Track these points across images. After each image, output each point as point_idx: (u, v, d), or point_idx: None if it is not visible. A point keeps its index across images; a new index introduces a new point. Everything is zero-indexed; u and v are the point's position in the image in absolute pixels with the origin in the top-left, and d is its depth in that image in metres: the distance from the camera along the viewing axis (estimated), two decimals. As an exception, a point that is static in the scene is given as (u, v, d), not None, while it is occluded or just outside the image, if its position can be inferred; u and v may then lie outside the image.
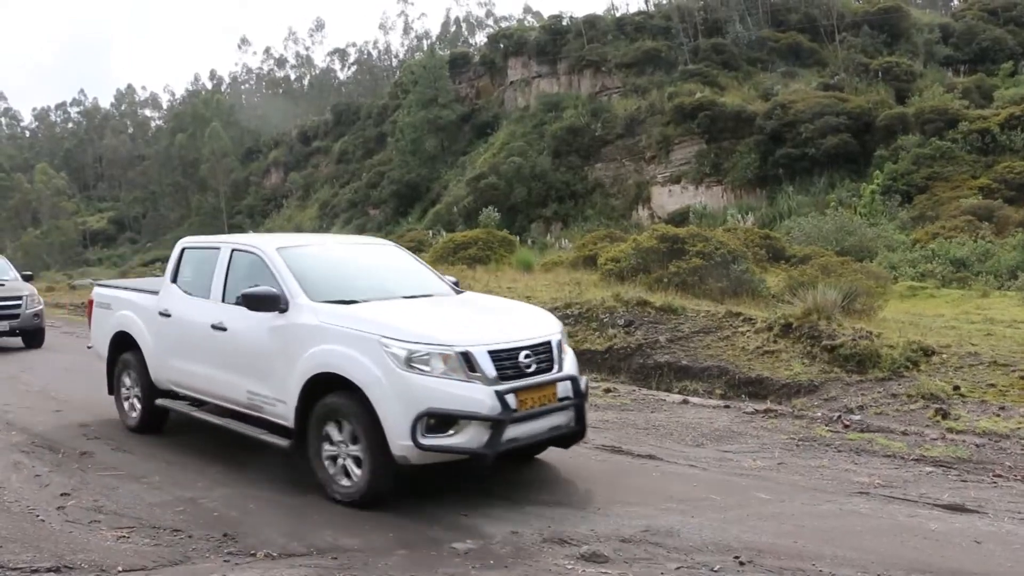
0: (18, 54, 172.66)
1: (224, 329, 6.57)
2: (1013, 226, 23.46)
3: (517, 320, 6.33)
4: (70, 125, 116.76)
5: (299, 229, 60.51)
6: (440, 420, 5.29)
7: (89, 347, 8.85)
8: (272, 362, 6.09)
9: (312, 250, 7.17)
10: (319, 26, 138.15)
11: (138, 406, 7.89)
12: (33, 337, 15.22)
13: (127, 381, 8.05)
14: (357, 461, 5.62)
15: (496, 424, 5.31)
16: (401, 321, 5.72)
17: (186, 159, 78.78)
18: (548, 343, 5.95)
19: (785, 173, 35.58)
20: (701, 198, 38.71)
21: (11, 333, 14.77)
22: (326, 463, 5.80)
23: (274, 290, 6.14)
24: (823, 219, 25.51)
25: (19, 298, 14.76)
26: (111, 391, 8.28)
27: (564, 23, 54.47)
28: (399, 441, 5.30)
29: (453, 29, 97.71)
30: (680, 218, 34.55)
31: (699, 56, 46.63)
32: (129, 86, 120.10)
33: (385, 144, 61.36)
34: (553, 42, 52.84)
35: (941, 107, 33.56)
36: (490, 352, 5.51)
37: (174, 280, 7.57)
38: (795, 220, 28.22)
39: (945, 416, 7.72)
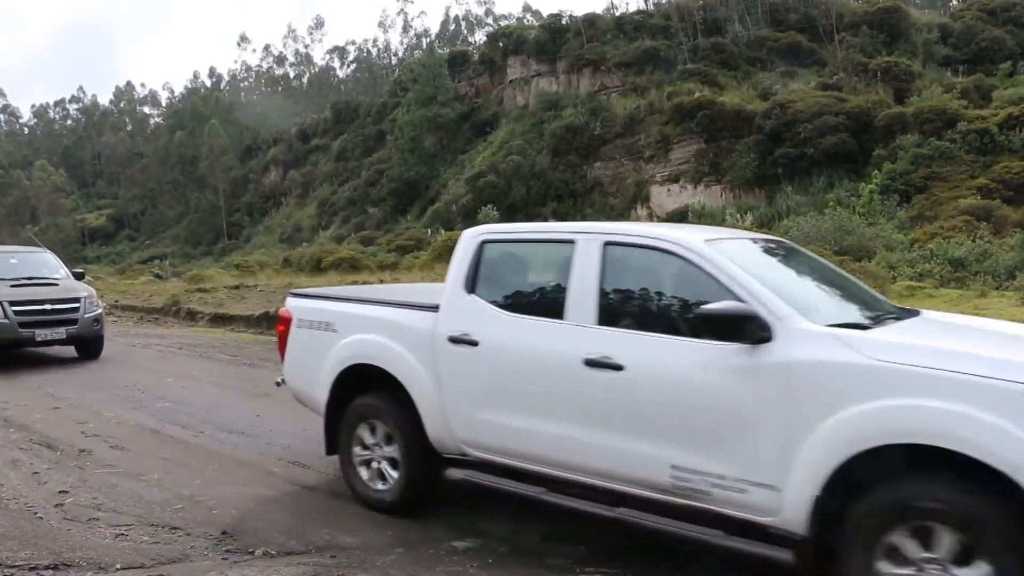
0: (17, 51, 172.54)
1: (617, 367, 4.29)
2: (1011, 226, 23.49)
3: None
4: (69, 122, 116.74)
5: (298, 227, 60.56)
6: None
7: (279, 382, 6.37)
8: (739, 423, 3.91)
9: (743, 246, 5.02)
10: (318, 24, 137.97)
11: (393, 474, 5.50)
12: (91, 346, 13.04)
13: (368, 437, 5.62)
14: None
15: None
16: None
17: (185, 157, 78.77)
18: None
19: (784, 172, 35.59)
20: (700, 197, 38.72)
21: (66, 341, 12.63)
22: None
23: (749, 307, 3.98)
24: (822, 219, 25.51)
25: (76, 300, 12.61)
26: (332, 449, 5.86)
27: (563, 22, 54.52)
28: None
29: (452, 27, 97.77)
30: (679, 217, 34.60)
31: (698, 55, 46.67)
32: (128, 83, 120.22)
33: (384, 142, 61.41)
34: (552, 41, 52.86)
35: (940, 107, 33.58)
36: None
37: (472, 289, 5.18)
38: (794, 220, 28.21)
39: (943, 416, 7.69)
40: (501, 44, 58.37)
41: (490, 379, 4.89)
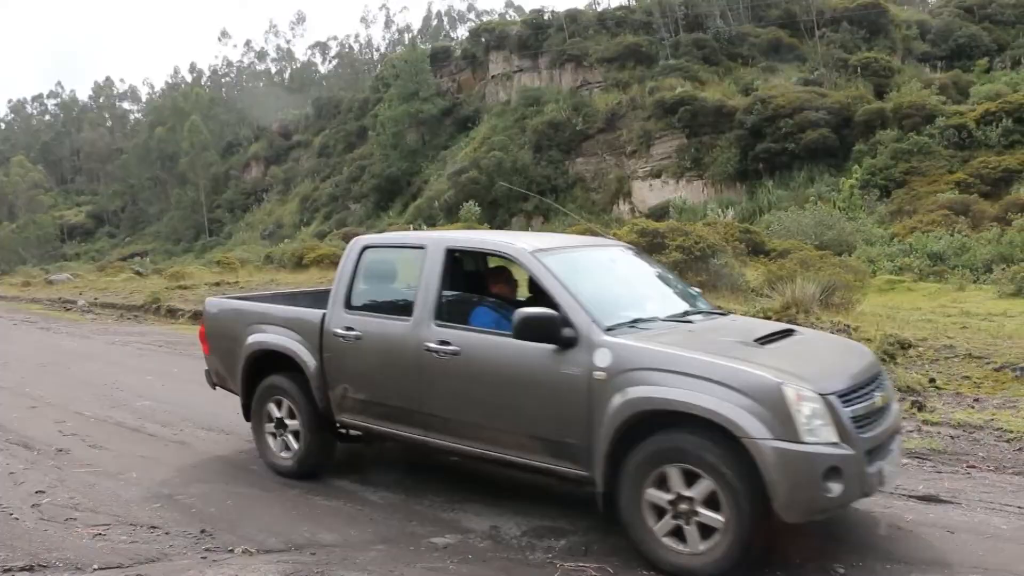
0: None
1: None
2: (988, 220, 23.76)
3: None
4: (47, 118, 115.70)
5: (280, 223, 60.32)
6: None
7: None
8: None
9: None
10: (300, 19, 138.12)
11: None
12: None
13: None
14: None
15: None
16: None
17: (165, 152, 78.23)
18: None
19: (765, 168, 35.78)
20: (681, 192, 38.87)
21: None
22: None
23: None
24: (802, 213, 25.68)
25: (879, 376, 4.89)
26: None
27: (546, 17, 54.55)
28: None
29: (434, 23, 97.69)
30: (661, 212, 34.69)
31: (680, 51, 46.78)
32: (107, 78, 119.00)
33: (366, 138, 61.25)
34: (535, 36, 52.86)
35: (919, 102, 33.86)
36: None
37: None
38: (775, 214, 28.40)
39: (921, 408, 7.78)
40: (483, 39, 58.26)
41: None
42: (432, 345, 5.18)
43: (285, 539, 4.97)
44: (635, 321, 4.99)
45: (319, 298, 6.47)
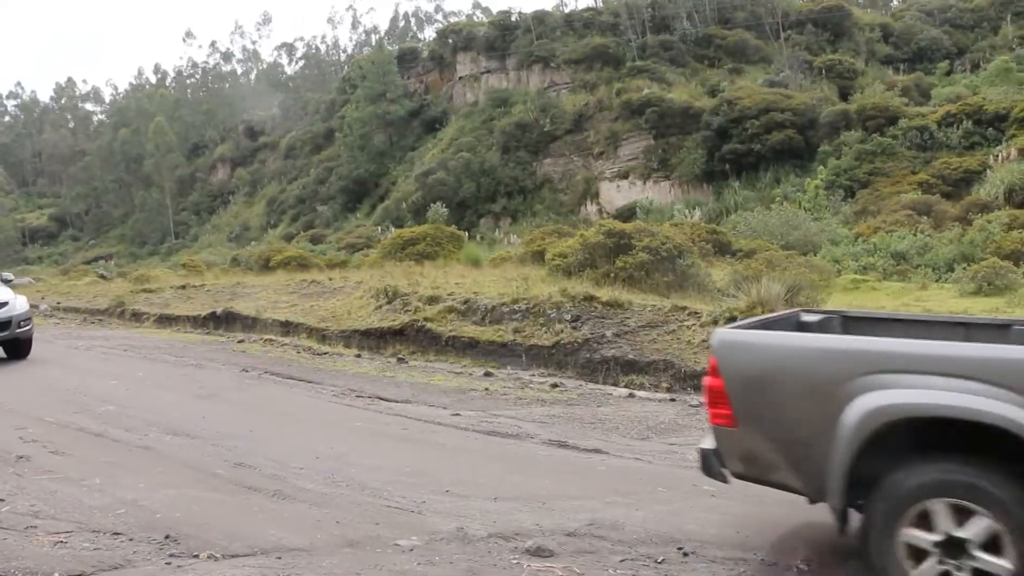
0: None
1: None
2: (950, 220, 24.14)
3: None
4: (7, 119, 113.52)
5: (246, 226, 59.83)
6: None
7: None
8: None
9: None
10: (266, 20, 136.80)
11: None
12: None
13: None
14: None
15: None
16: None
17: (130, 154, 77.23)
18: None
19: (731, 168, 36.11)
20: (648, 193, 39.12)
21: None
22: None
23: None
24: (768, 214, 25.97)
25: None
26: None
27: (513, 19, 54.65)
28: None
29: (402, 24, 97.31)
30: (628, 213, 34.88)
31: (647, 52, 47.09)
32: (69, 79, 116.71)
33: (333, 139, 60.95)
34: (502, 37, 52.95)
35: (882, 104, 34.39)
36: None
37: None
38: (741, 215, 28.69)
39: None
40: (451, 41, 58.24)
41: None
42: None
43: (251, 544, 4.92)
44: None
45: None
